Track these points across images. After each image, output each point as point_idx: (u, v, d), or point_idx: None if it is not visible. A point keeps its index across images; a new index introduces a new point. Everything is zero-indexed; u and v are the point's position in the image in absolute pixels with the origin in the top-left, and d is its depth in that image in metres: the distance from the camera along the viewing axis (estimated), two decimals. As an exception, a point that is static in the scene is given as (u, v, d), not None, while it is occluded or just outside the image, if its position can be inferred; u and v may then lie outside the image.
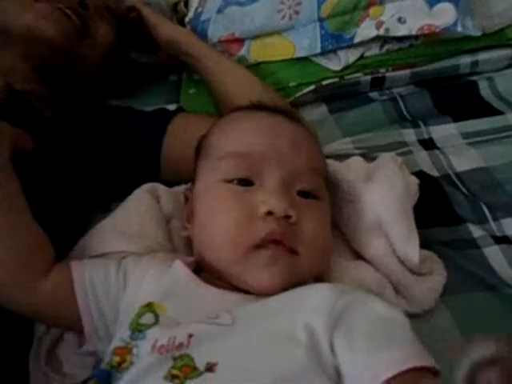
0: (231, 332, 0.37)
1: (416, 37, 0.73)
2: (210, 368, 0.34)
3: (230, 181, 0.44)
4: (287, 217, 0.42)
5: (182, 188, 0.58)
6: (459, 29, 0.69)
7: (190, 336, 0.36)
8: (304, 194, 0.45)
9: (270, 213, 0.41)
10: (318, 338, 0.35)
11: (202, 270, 0.46)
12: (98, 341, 0.43)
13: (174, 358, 0.35)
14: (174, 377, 0.34)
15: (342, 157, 0.62)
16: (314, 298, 0.39)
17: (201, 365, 0.34)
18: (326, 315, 0.37)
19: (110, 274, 0.44)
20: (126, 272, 0.44)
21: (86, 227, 0.53)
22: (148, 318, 0.39)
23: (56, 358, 0.47)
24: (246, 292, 0.42)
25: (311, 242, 0.43)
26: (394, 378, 0.32)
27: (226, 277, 0.43)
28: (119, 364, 0.37)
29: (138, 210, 0.53)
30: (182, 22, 0.87)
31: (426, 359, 0.34)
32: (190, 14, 0.87)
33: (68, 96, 0.69)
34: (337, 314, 0.37)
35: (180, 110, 0.73)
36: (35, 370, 0.46)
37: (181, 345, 0.36)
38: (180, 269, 0.44)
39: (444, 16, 0.70)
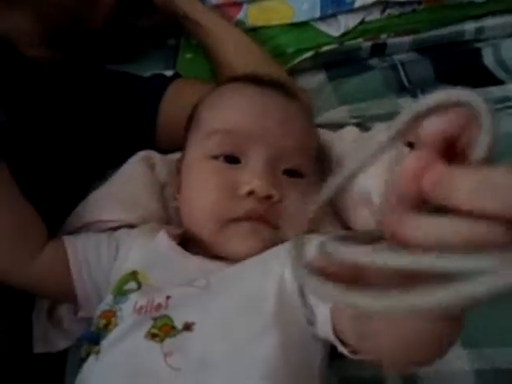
0: (207, 294, 0.39)
1: (419, 2, 0.71)
2: (188, 327, 0.36)
3: (216, 157, 0.45)
4: (269, 196, 0.43)
5: (176, 155, 0.59)
6: (464, -7, 0.68)
7: (168, 298, 0.39)
8: (290, 173, 0.46)
9: (251, 193, 0.42)
10: (287, 287, 0.37)
11: (189, 239, 0.47)
12: (91, 308, 0.45)
13: (154, 319, 0.37)
14: (154, 335, 0.36)
15: (336, 126, 0.61)
16: (283, 249, 0.40)
17: (179, 324, 0.37)
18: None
19: (101, 246, 0.46)
20: (117, 243, 0.47)
21: (84, 195, 0.54)
22: (131, 285, 0.41)
23: (57, 314, 0.50)
24: (228, 260, 0.43)
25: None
26: None
27: (208, 246, 0.45)
28: (105, 326, 0.39)
29: (133, 178, 0.54)
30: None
31: None
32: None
33: (68, 59, 0.69)
34: None
35: (177, 75, 0.73)
36: (37, 326, 0.49)
37: (159, 305, 0.38)
38: (163, 239, 0.45)
39: (448, -20, 0.68)
